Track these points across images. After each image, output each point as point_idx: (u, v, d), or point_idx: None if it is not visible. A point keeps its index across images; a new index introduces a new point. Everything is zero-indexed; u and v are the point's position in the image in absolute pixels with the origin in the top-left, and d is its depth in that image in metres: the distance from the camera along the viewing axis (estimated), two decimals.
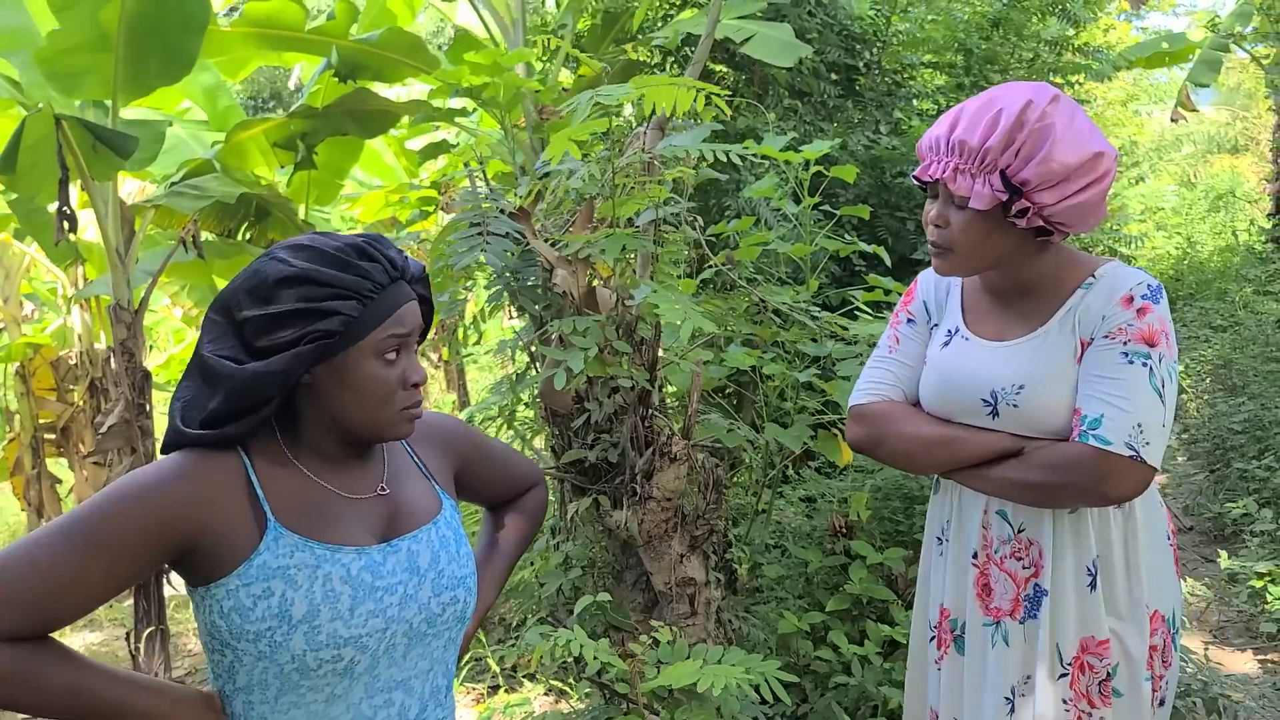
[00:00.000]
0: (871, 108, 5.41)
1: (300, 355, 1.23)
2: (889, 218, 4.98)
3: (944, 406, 1.78)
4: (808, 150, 3.40)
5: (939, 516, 1.90)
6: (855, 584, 3.37)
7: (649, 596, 2.37)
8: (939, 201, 1.70)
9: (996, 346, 1.75)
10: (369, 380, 1.28)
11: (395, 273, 1.30)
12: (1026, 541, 1.75)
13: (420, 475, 1.46)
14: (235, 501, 1.24)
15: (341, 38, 5.25)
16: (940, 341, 1.83)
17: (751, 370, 3.22)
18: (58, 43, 3.97)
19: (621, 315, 2.27)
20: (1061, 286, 1.72)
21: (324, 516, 1.29)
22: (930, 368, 1.83)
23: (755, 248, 3.43)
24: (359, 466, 1.36)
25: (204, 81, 6.30)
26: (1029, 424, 1.69)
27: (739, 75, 5.13)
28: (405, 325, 1.30)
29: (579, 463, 2.39)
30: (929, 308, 1.90)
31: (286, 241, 1.29)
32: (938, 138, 1.68)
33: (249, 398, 1.24)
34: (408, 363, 1.33)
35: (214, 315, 1.28)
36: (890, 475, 3.80)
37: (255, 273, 1.25)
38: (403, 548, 1.33)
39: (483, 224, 2.24)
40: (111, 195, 4.51)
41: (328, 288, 1.24)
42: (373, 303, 1.27)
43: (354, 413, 1.30)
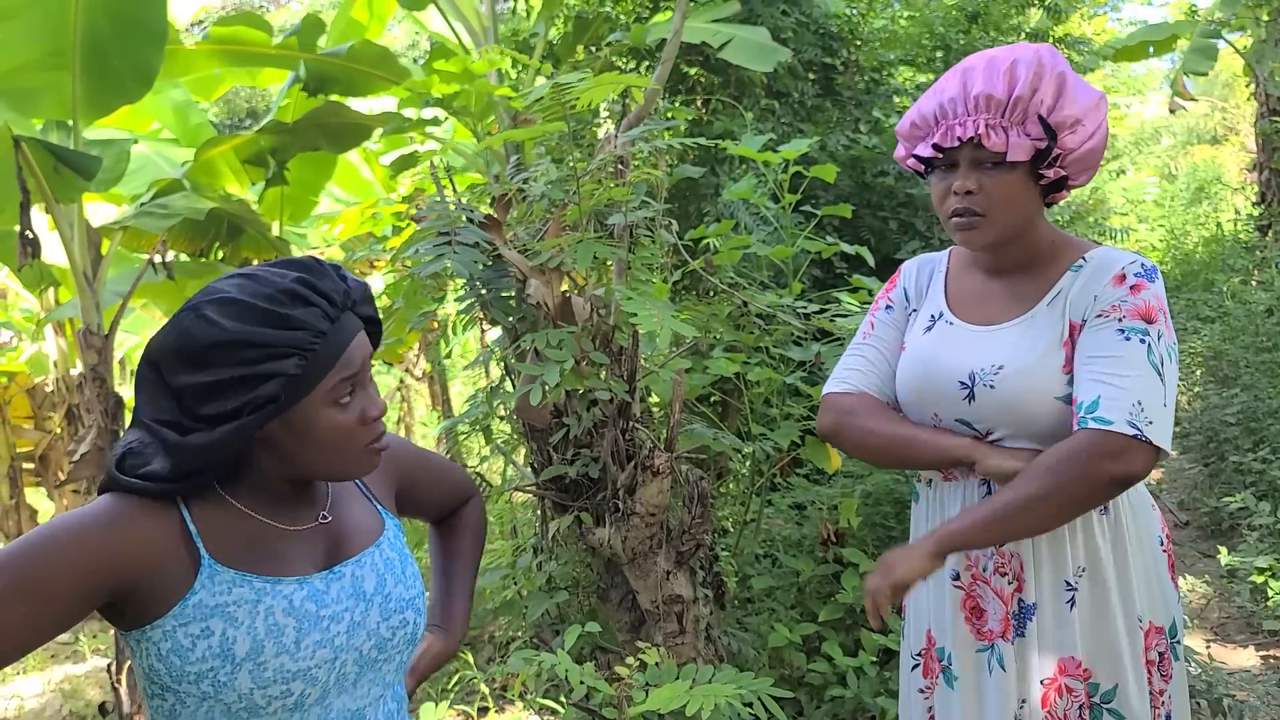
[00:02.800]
0: (850, 106, 5.34)
1: (245, 426, 1.15)
2: (871, 217, 4.91)
3: (920, 392, 1.72)
4: (785, 150, 3.32)
5: (917, 533, 1.80)
6: (847, 592, 3.28)
7: (636, 615, 2.28)
8: (962, 169, 1.62)
9: (981, 331, 1.70)
10: (325, 430, 1.20)
11: (335, 311, 1.20)
12: (1008, 554, 1.67)
13: (361, 496, 1.39)
14: (168, 545, 1.16)
15: (309, 52, 5.16)
16: (923, 327, 1.77)
17: (736, 377, 3.13)
18: (6, 59, 3.87)
19: (597, 325, 2.19)
20: (1053, 267, 1.68)
21: (263, 550, 1.22)
22: (910, 354, 1.77)
23: (735, 251, 3.35)
24: (302, 498, 1.29)
25: (173, 99, 6.22)
26: (1005, 408, 1.62)
27: (714, 77, 5.06)
28: (353, 364, 1.21)
29: (559, 479, 2.31)
30: (909, 294, 1.85)
31: (213, 292, 1.18)
32: (952, 99, 1.60)
33: (193, 466, 1.16)
34: (363, 399, 1.24)
35: (146, 373, 1.18)
36: (880, 480, 3.72)
37: (184, 334, 1.15)
38: (346, 573, 1.26)
39: (450, 232, 2.15)
40: (76, 217, 4.40)
41: (263, 348, 1.14)
42: (314, 354, 1.17)
43: (314, 462, 1.22)
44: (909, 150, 1.72)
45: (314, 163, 6.00)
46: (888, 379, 1.82)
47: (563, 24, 5.39)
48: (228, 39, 5.08)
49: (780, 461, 3.33)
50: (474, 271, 2.06)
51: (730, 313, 3.19)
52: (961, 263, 1.81)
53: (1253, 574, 4.02)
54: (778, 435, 2.94)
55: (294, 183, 5.80)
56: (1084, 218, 10.48)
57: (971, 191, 1.62)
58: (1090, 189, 13.66)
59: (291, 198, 6.09)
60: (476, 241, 2.10)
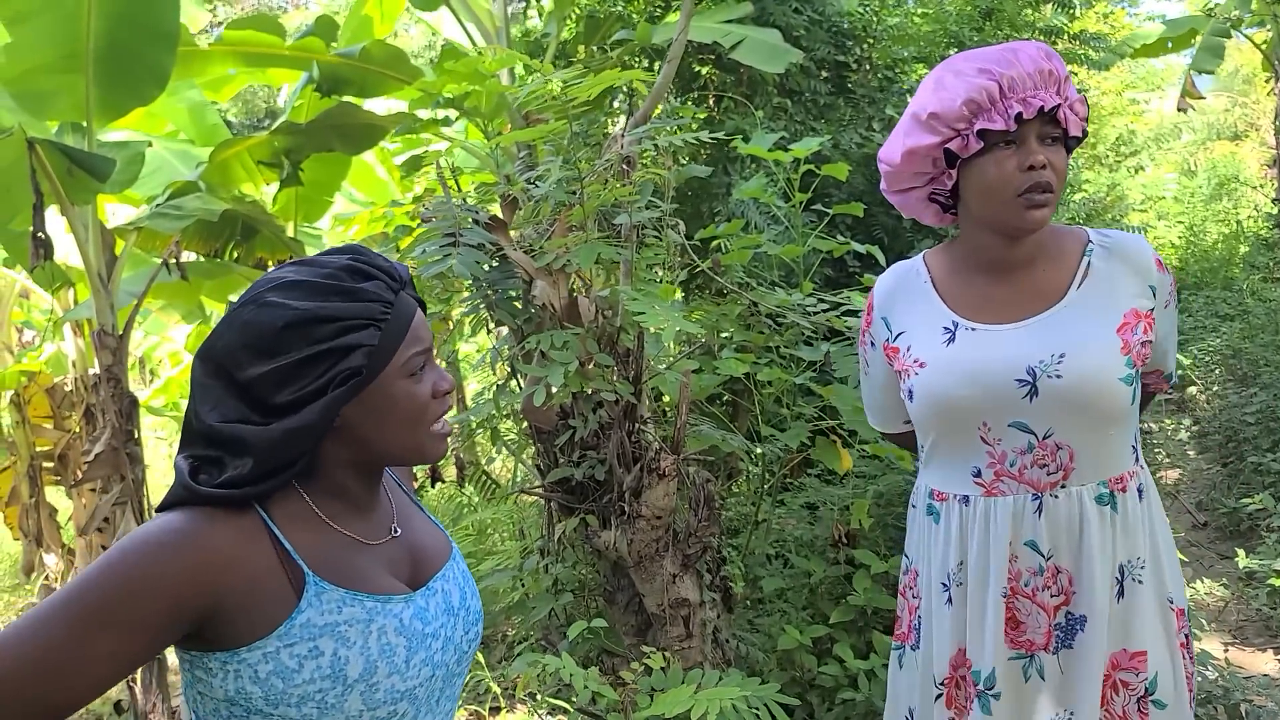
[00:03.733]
0: (864, 104, 5.31)
1: (334, 400, 1.12)
2: (884, 215, 4.88)
3: (965, 402, 1.63)
4: (796, 148, 3.30)
5: (944, 557, 1.70)
6: (859, 594, 3.26)
7: (642, 619, 2.27)
8: (1031, 145, 1.57)
9: (1015, 328, 1.64)
10: (404, 403, 1.18)
11: (395, 284, 1.19)
12: (1055, 569, 1.62)
13: (414, 508, 1.37)
14: (261, 559, 1.11)
15: (322, 53, 5.16)
16: (938, 339, 1.68)
17: (746, 378, 3.12)
18: (21, 62, 3.89)
19: (603, 326, 2.18)
20: (1063, 251, 1.68)
21: (357, 566, 1.18)
22: (940, 368, 1.66)
23: (746, 251, 3.33)
24: (372, 509, 1.26)
25: (189, 100, 6.23)
26: (1074, 394, 1.57)
27: (726, 76, 5.04)
28: (424, 337, 1.20)
29: (565, 481, 2.30)
30: (889, 323, 1.78)
31: (269, 281, 1.16)
32: (1020, 74, 1.56)
33: (281, 457, 1.12)
34: (433, 373, 1.22)
35: (206, 379, 1.14)
36: (893, 481, 3.69)
37: (247, 325, 1.12)
38: (438, 589, 1.25)
39: (455, 233, 2.14)
40: (91, 219, 4.42)
41: (339, 322, 1.12)
42: (388, 323, 1.15)
43: (391, 443, 1.20)
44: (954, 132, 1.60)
45: (328, 163, 6.00)
46: (896, 412, 1.86)
47: (575, 24, 5.39)
48: (241, 41, 5.09)
49: (791, 462, 3.31)
50: (477, 273, 2.06)
51: (740, 313, 3.18)
52: (948, 267, 1.75)
53: (1271, 577, 3.97)
54: (787, 436, 2.92)
55: (308, 183, 5.80)
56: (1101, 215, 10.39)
57: (1045, 168, 1.58)
58: (1109, 185, 13.54)
59: (306, 198, 6.10)
60: (481, 243, 2.09)
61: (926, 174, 1.67)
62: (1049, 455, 1.61)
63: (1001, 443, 1.63)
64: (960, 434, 1.66)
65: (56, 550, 6.96)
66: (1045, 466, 1.62)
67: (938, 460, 1.73)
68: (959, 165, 1.62)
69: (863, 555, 3.38)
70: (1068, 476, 1.61)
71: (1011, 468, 1.63)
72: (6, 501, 7.13)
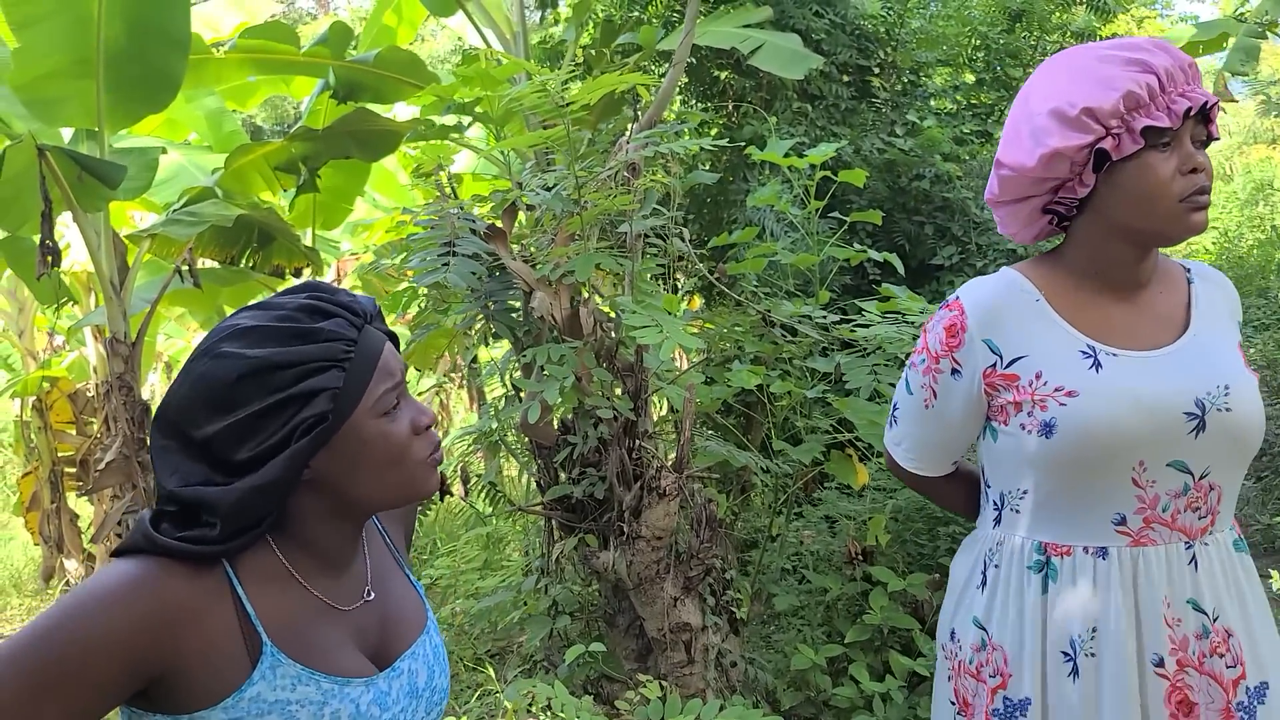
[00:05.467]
0: (886, 109, 5.21)
1: (299, 452, 1.04)
2: (906, 222, 4.78)
3: (1133, 434, 1.42)
4: (812, 154, 3.21)
5: (1064, 622, 1.47)
6: (875, 613, 3.17)
7: (643, 643, 2.19)
8: (1187, 144, 1.43)
9: (1161, 355, 1.47)
10: (379, 446, 1.10)
11: (358, 320, 1.11)
12: (1225, 632, 1.43)
13: (396, 566, 1.28)
14: (220, 619, 1.04)
15: (338, 59, 5.13)
16: (1083, 367, 1.46)
17: (758, 390, 3.03)
18: (31, 68, 3.87)
19: (601, 340, 2.10)
20: (1171, 279, 1.55)
21: (321, 637, 1.10)
22: (1098, 396, 1.44)
23: (760, 259, 3.24)
24: (348, 567, 1.18)
25: (207, 107, 6.23)
26: (1240, 429, 1.44)
27: (745, 81, 4.96)
28: (395, 372, 1.12)
29: (565, 499, 2.22)
30: (995, 346, 1.53)
31: (222, 330, 1.08)
32: (1174, 67, 1.41)
33: (248, 517, 1.05)
34: (410, 409, 1.14)
35: (164, 441, 1.07)
36: (912, 496, 3.59)
37: (201, 379, 1.05)
38: (404, 669, 1.17)
39: (451, 242, 2.07)
40: (103, 226, 4.40)
41: (297, 367, 1.04)
42: (352, 362, 1.08)
43: (372, 489, 1.12)
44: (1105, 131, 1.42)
45: (346, 170, 5.97)
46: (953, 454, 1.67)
47: (593, 30, 5.32)
48: (256, 48, 5.06)
49: (806, 476, 3.22)
50: (472, 284, 1.99)
51: (753, 323, 3.09)
52: (1059, 285, 1.54)
53: None
54: (799, 451, 2.83)
55: (326, 190, 5.77)
56: None
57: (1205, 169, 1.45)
58: None
59: (324, 205, 6.06)
60: (476, 253, 2.02)
61: (1056, 180, 1.48)
62: (1202, 497, 1.44)
63: (1155, 484, 1.44)
64: (1107, 474, 1.45)
65: (77, 556, 6.96)
66: (1197, 510, 1.44)
67: (1059, 507, 1.50)
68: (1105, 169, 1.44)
69: (880, 573, 3.29)
70: (1215, 521, 1.46)
71: (1164, 513, 1.44)
72: (28, 507, 7.15)
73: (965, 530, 3.55)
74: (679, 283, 4.86)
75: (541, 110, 2.35)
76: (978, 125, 5.30)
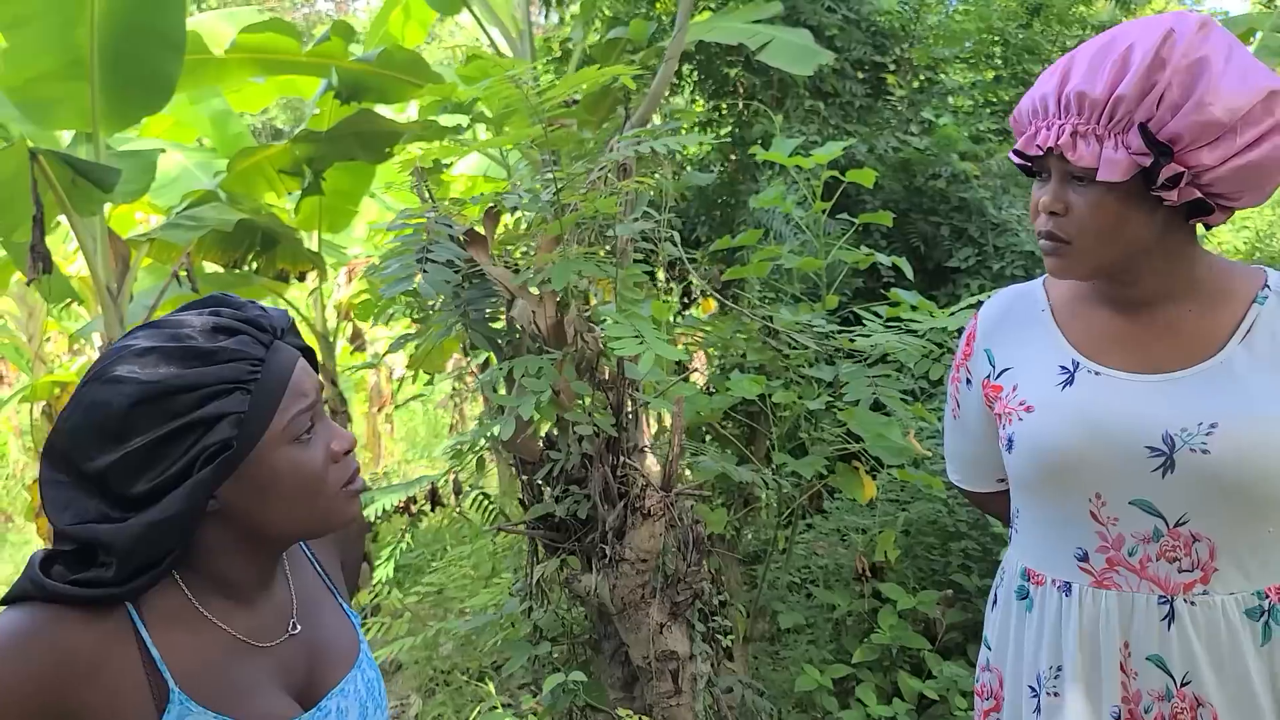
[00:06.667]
0: (902, 107, 5.06)
1: (201, 483, 0.95)
2: (923, 223, 4.63)
3: (1078, 464, 1.31)
4: (818, 154, 3.08)
5: (1034, 655, 1.40)
6: (884, 632, 3.03)
7: (629, 671, 2.07)
8: (1051, 181, 1.29)
9: (1153, 381, 1.31)
10: (292, 474, 1.00)
11: (266, 336, 1.01)
12: (1194, 700, 1.28)
13: (327, 592, 1.17)
14: (122, 669, 0.95)
15: (340, 58, 5.04)
16: (1053, 382, 1.37)
17: (761, 400, 2.90)
18: (22, 69, 3.80)
19: (581, 351, 1.98)
20: (1227, 296, 1.32)
21: (236, 677, 1.01)
22: (1050, 417, 1.35)
23: (765, 263, 3.12)
24: (266, 600, 1.08)
25: (212, 108, 6.17)
26: (1222, 476, 1.24)
27: (755, 78, 4.82)
28: (306, 392, 1.02)
29: (549, 518, 2.10)
30: (992, 356, 1.47)
31: (116, 351, 0.98)
32: (1044, 95, 1.27)
33: (146, 556, 0.95)
34: (326, 432, 1.04)
35: (53, 474, 0.98)
36: (923, 509, 3.45)
37: (92, 406, 0.95)
38: (330, 709, 1.07)
39: (426, 249, 1.96)
40: (99, 230, 4.33)
41: (197, 390, 0.95)
42: (259, 383, 0.98)
43: (285, 520, 1.02)
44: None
45: (352, 172, 5.89)
46: (991, 466, 1.53)
47: (600, 28, 5.21)
48: (257, 47, 4.98)
49: (811, 490, 3.09)
50: (444, 291, 1.87)
51: (755, 331, 2.96)
52: (1071, 294, 1.43)
53: None
54: (801, 464, 2.70)
55: (331, 192, 5.70)
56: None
57: (1057, 213, 1.28)
58: None
59: (330, 208, 5.98)
60: (450, 259, 1.91)
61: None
62: (1182, 548, 1.29)
63: (1119, 523, 1.31)
64: (1065, 502, 1.35)
65: None
66: (1177, 562, 1.29)
67: (1035, 533, 1.42)
68: None
69: (889, 589, 3.15)
70: (1209, 579, 1.28)
71: (1130, 557, 1.31)
72: (37, 512, 7.12)
73: (979, 546, 3.42)
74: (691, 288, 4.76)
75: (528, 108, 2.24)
76: (996, 123, 5.14)
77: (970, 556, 3.34)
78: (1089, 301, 1.40)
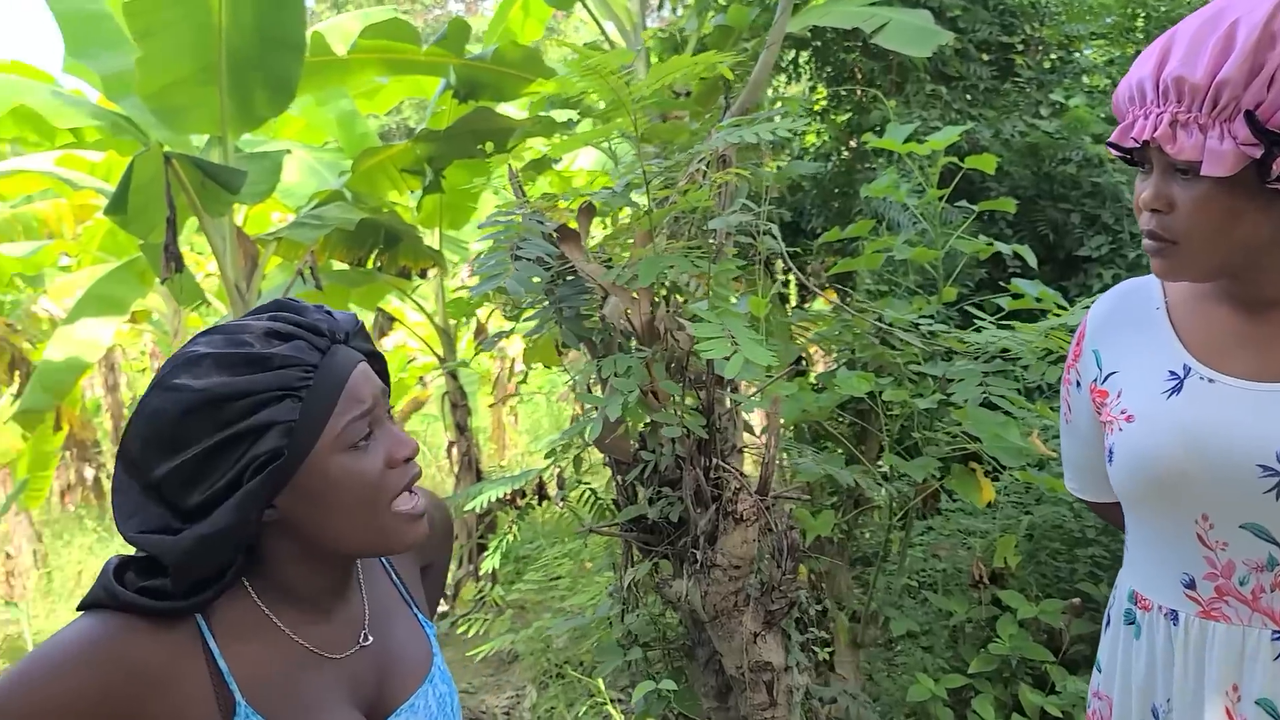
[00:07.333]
0: (1031, 89, 4.82)
1: (250, 494, 0.93)
2: (1052, 209, 4.39)
3: (1181, 483, 1.20)
4: (933, 140, 2.94)
5: (1146, 683, 1.29)
6: (1003, 642, 2.88)
7: (723, 680, 2.01)
8: (1153, 175, 1.17)
9: (1272, 391, 1.18)
10: (347, 483, 0.98)
11: (323, 341, 0.99)
12: None
13: (402, 603, 1.16)
14: (189, 681, 0.94)
15: (457, 57, 5.11)
16: (1159, 390, 1.25)
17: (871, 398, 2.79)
18: (157, 76, 3.96)
19: (671, 350, 1.93)
20: None
21: (303, 692, 1.00)
22: (1150, 426, 1.24)
23: (877, 255, 3.00)
24: (340, 609, 1.06)
25: (339, 109, 6.34)
26: None
27: (874, 63, 4.67)
28: (363, 398, 0.99)
29: (642, 519, 2.06)
30: (1099, 357, 1.35)
31: (176, 358, 0.98)
32: (1141, 80, 1.15)
33: (200, 571, 0.95)
34: (388, 440, 1.02)
35: (121, 482, 0.98)
36: (1048, 513, 3.27)
37: (152, 415, 0.95)
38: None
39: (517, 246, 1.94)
40: (228, 230, 4.50)
41: (247, 397, 0.93)
42: (311, 391, 0.96)
43: (346, 529, 1.00)
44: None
45: (471, 168, 5.97)
46: (1106, 478, 1.38)
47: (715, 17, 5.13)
48: (378, 49, 5.09)
49: (925, 492, 2.96)
50: (531, 289, 1.85)
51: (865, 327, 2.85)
52: (1191, 290, 1.31)
53: None
54: (911, 467, 2.58)
55: (451, 190, 5.79)
56: None
57: (1160, 210, 1.17)
58: None
59: (450, 205, 6.09)
60: (539, 256, 1.88)
61: None
62: None
63: (1228, 549, 1.19)
64: (1169, 523, 1.24)
65: None
66: None
67: (1142, 554, 1.31)
68: None
69: (1009, 597, 3.00)
70: None
71: (1241, 586, 1.19)
72: None
73: (1108, 554, 3.22)
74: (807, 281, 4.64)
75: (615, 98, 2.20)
76: None
77: (1099, 565, 3.15)
78: (1210, 298, 1.27)
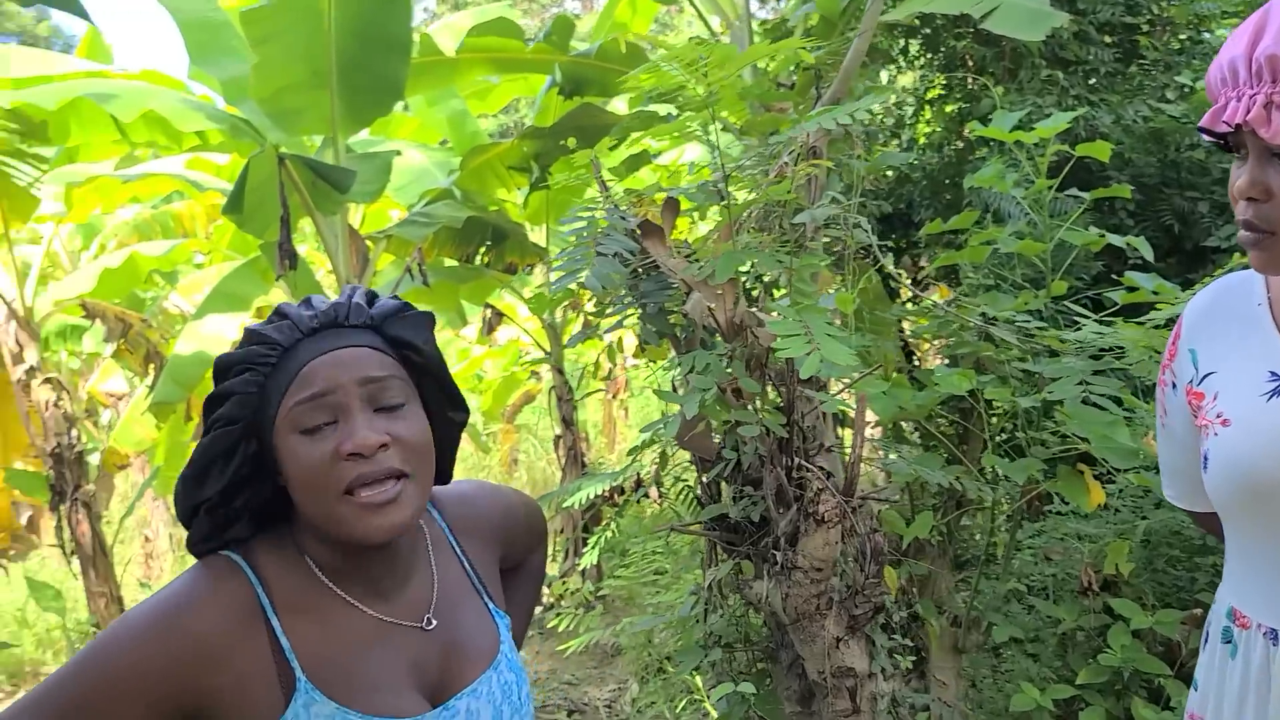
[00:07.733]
0: (1157, 71, 4.57)
1: (206, 449, 1.04)
2: (1178, 198, 4.16)
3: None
4: (1041, 128, 2.81)
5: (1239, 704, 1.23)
6: (1114, 653, 2.75)
7: (805, 684, 1.96)
8: (1249, 161, 1.10)
9: None
10: (294, 467, 1.03)
11: (312, 323, 1.04)
12: None
13: (472, 591, 1.17)
14: (252, 654, 0.99)
15: (562, 54, 5.14)
16: (1258, 391, 1.18)
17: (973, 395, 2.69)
18: (271, 81, 4.09)
19: (750, 347, 1.89)
20: None
21: (364, 669, 1.02)
22: (1247, 430, 1.17)
23: (983, 248, 2.89)
24: (398, 592, 1.09)
25: (450, 109, 6.46)
26: None
27: (986, 49, 4.50)
28: (318, 384, 1.02)
29: (724, 518, 2.03)
30: (1196, 357, 1.28)
31: None
32: (1233, 60, 1.09)
33: (186, 511, 1.04)
34: (345, 431, 1.03)
35: None
36: (1165, 518, 3.10)
37: None
38: (460, 709, 1.06)
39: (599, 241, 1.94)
40: (340, 228, 4.63)
41: (225, 368, 1.05)
42: (274, 369, 1.03)
43: (309, 513, 1.05)
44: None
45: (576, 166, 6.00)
46: (1199, 486, 1.31)
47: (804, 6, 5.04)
48: (485, 48, 5.16)
49: (1031, 494, 2.84)
50: (609, 285, 1.84)
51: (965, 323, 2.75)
52: None
53: None
54: (1013, 469, 2.48)
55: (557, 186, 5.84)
56: None
57: (1256, 199, 1.09)
58: None
59: (556, 201, 6.14)
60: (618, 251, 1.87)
61: None
62: None
63: None
64: (1268, 535, 1.18)
65: None
66: None
67: (1240, 567, 1.26)
68: None
69: (1122, 606, 2.85)
70: None
71: None
72: None
73: None
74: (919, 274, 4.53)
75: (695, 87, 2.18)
76: None
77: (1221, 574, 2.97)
78: None
